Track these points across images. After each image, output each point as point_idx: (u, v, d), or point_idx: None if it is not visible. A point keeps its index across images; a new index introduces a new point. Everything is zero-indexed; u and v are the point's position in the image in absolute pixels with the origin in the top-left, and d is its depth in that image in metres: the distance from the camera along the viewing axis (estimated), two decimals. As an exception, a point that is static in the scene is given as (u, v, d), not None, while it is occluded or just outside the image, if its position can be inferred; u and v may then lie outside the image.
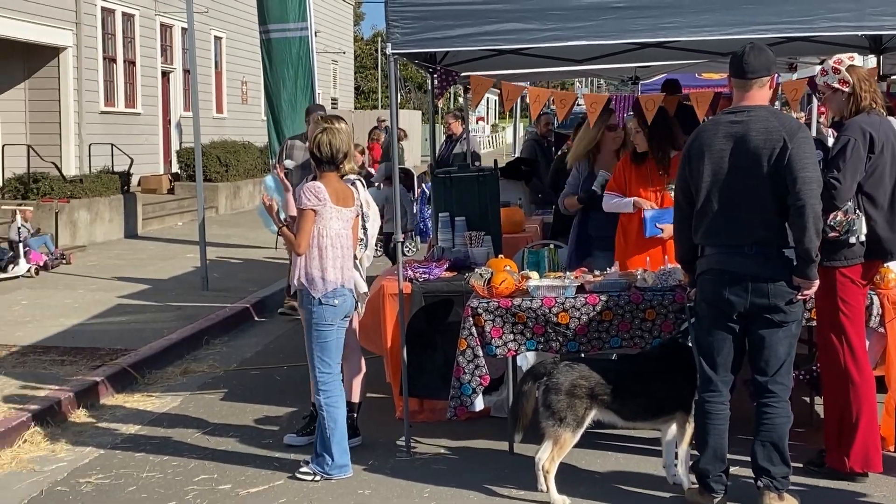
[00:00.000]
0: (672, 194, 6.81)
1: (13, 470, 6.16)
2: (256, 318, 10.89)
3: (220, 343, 9.76)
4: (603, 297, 5.85)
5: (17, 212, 13.25)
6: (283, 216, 6.17)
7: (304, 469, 5.89)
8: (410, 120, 38.17)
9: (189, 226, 18.78)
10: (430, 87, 9.07)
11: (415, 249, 14.33)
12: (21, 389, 7.45)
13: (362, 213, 6.24)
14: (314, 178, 5.98)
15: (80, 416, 7.26)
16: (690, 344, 5.39)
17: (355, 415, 6.39)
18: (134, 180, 19.78)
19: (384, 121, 32.60)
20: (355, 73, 46.69)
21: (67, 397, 7.30)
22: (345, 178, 6.08)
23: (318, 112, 9.99)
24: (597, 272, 6.30)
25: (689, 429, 5.44)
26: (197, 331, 9.78)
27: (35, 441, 6.64)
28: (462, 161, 11.07)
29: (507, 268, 6.20)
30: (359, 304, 6.24)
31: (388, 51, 5.95)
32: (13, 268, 12.59)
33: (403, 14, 5.88)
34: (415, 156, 32.69)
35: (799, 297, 5.07)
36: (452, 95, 46.76)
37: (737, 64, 5.13)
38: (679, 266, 5.71)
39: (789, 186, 4.94)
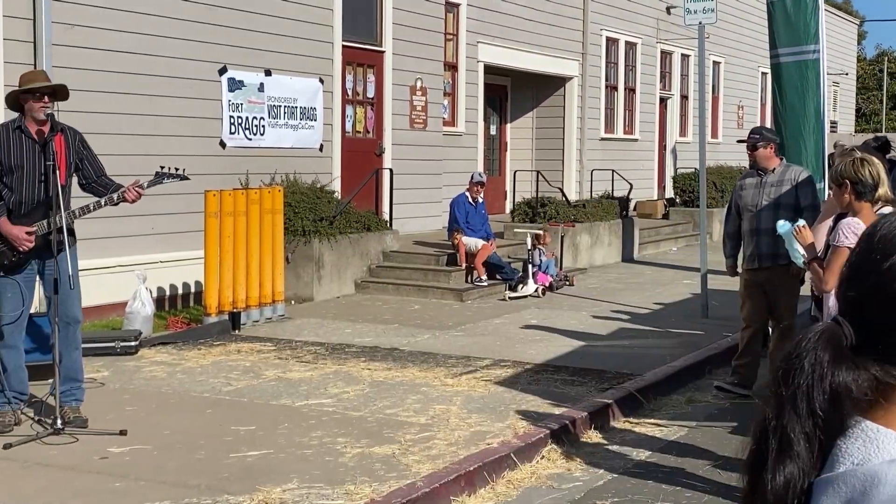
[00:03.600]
0: None
1: (533, 485, 6.43)
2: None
3: (723, 373, 9.57)
4: None
5: (535, 236, 13.96)
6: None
7: None
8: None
9: (683, 251, 18.78)
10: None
11: None
12: (537, 407, 7.78)
13: None
14: (840, 215, 5.72)
15: (591, 436, 7.44)
16: None
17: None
18: (630, 205, 20.23)
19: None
20: (857, 94, 44.31)
21: (581, 417, 7.51)
22: (878, 209, 5.74)
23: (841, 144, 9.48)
24: None
25: None
26: (699, 360, 9.69)
27: (552, 458, 6.89)
28: None
29: None
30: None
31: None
32: (522, 287, 13.31)
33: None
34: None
35: None
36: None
37: None
38: None
39: None
